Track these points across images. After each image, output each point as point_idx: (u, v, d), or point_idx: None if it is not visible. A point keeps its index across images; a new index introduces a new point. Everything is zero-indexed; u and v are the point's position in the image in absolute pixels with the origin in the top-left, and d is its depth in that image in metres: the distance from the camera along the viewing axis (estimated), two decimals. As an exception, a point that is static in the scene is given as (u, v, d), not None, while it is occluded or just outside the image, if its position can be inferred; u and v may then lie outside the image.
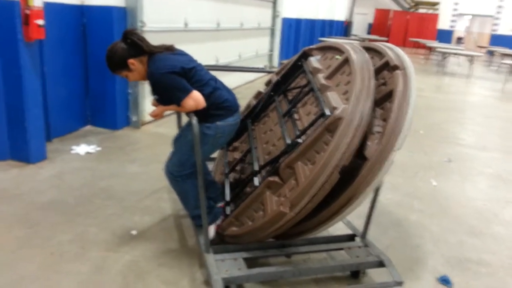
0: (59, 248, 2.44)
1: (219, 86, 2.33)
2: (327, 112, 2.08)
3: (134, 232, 2.66)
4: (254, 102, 3.22)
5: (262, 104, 3.08)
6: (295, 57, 3.08)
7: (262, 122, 2.99)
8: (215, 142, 2.33)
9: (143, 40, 2.18)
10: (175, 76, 2.12)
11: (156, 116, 2.31)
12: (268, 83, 3.28)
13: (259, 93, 3.29)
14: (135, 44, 2.15)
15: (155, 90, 2.24)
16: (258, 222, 2.17)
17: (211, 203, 2.48)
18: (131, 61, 2.16)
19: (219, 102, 2.27)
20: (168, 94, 2.17)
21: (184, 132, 2.39)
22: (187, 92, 2.13)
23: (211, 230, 2.40)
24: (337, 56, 2.62)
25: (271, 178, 2.21)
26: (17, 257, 2.33)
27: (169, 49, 2.26)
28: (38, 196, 3.04)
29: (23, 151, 3.55)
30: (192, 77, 2.19)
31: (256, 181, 2.40)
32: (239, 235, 2.29)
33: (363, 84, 2.12)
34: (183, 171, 2.34)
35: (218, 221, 2.46)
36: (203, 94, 2.19)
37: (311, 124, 2.20)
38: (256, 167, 2.50)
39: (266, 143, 2.71)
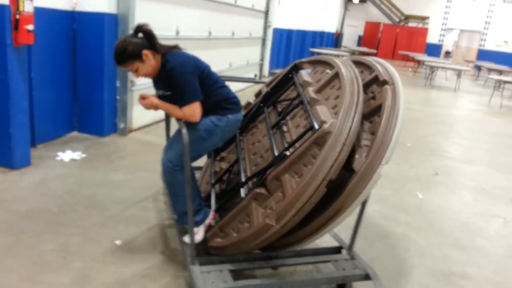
0: (41, 257, 2.39)
1: (226, 85, 2.44)
2: (316, 125, 2.09)
3: (118, 242, 2.62)
4: (243, 113, 3.21)
5: (251, 115, 3.08)
6: (286, 69, 3.09)
7: (251, 133, 2.99)
8: (223, 135, 2.40)
9: (155, 37, 2.20)
10: (195, 77, 2.19)
11: (146, 105, 2.29)
12: (258, 94, 3.28)
13: (248, 103, 3.29)
14: (150, 37, 2.17)
15: (167, 85, 2.23)
16: (244, 234, 2.16)
17: (202, 202, 2.47)
18: (145, 52, 2.15)
19: (230, 97, 2.38)
20: (179, 92, 2.19)
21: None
22: (195, 99, 2.20)
23: (201, 231, 2.38)
24: (328, 71, 2.64)
25: (258, 190, 2.20)
26: (-3, 267, 2.28)
27: (175, 48, 2.29)
28: (21, 204, 2.98)
29: (6, 157, 3.48)
30: (206, 76, 2.28)
31: (243, 192, 2.39)
32: (223, 247, 2.26)
33: (352, 99, 2.13)
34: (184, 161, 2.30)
35: (206, 221, 2.44)
36: (215, 89, 2.32)
37: (300, 137, 2.20)
38: (243, 178, 2.49)
39: (253, 154, 2.70)
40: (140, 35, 2.21)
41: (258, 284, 2.12)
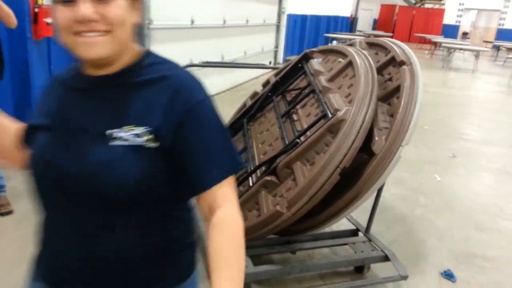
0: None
1: None
2: (329, 113, 2.09)
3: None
4: (250, 102, 3.19)
5: (258, 104, 3.05)
6: (296, 59, 3.06)
7: (258, 122, 2.94)
8: None
9: None
10: None
11: None
12: (265, 84, 3.24)
13: (255, 93, 3.26)
14: None
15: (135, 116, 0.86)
16: (252, 222, 2.12)
17: None
18: None
19: None
20: (208, 145, 1.44)
21: None
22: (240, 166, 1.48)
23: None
24: (340, 59, 2.61)
25: (267, 178, 2.16)
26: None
27: None
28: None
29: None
30: None
31: (251, 180, 2.36)
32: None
33: (366, 88, 2.10)
34: None
35: None
36: None
37: (312, 125, 2.18)
38: (251, 167, 2.46)
39: (262, 143, 2.65)
40: None
41: (279, 269, 2.14)
